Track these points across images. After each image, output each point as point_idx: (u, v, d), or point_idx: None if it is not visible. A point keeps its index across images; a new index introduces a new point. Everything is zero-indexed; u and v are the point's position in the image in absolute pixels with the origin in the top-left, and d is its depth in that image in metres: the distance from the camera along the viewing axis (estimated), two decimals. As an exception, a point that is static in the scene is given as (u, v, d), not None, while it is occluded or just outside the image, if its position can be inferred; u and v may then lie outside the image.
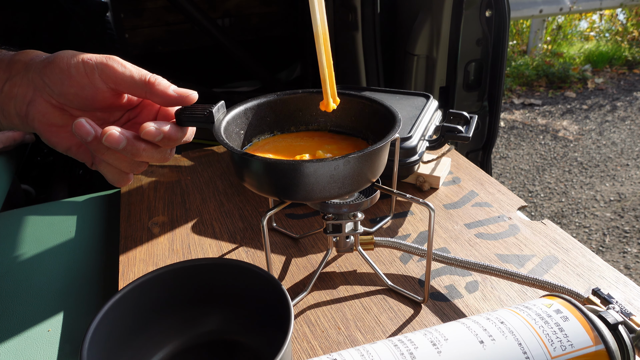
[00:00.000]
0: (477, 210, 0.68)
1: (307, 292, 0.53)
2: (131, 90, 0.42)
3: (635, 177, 2.49)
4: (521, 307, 0.40)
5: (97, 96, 0.42)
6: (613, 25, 4.47)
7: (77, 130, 0.39)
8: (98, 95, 0.42)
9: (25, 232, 0.69)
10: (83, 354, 0.35)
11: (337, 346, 0.47)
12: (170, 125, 0.42)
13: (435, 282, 0.55)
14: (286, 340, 0.35)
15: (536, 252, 0.59)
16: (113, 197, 0.78)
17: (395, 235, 0.64)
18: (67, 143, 0.44)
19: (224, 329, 0.45)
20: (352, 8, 1.12)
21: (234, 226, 0.66)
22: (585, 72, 3.77)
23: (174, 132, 0.42)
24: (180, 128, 0.43)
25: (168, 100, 0.43)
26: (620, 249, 1.99)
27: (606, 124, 3.08)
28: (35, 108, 0.42)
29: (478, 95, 1.19)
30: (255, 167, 0.43)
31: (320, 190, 0.43)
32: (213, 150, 0.88)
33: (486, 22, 1.10)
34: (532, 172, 2.59)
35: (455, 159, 0.81)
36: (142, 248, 0.62)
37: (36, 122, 0.43)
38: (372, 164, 0.44)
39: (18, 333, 0.52)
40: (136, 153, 0.41)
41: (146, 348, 0.42)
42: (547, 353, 0.35)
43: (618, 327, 0.37)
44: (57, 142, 0.44)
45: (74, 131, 0.39)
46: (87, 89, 0.41)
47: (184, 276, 0.43)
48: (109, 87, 0.42)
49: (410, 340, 0.37)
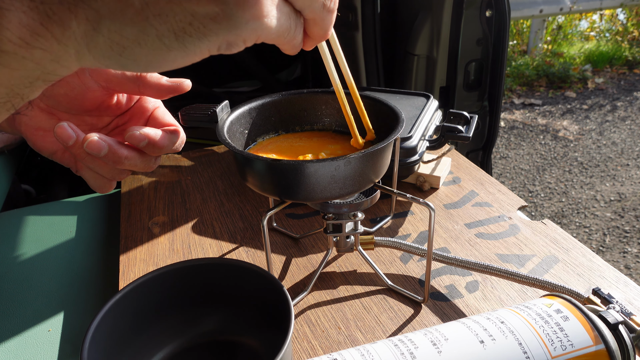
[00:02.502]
0: (477, 210, 0.68)
1: (308, 292, 0.53)
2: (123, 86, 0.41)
3: (635, 177, 2.49)
4: (521, 307, 0.40)
5: (87, 96, 0.41)
6: (613, 25, 4.47)
7: (58, 134, 0.37)
8: (88, 95, 0.41)
9: (25, 232, 0.69)
10: (83, 354, 0.35)
11: (337, 346, 0.47)
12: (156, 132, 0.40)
13: (435, 282, 0.55)
14: (286, 340, 0.35)
15: (536, 252, 0.59)
16: (113, 197, 0.78)
17: (395, 235, 0.64)
18: (52, 147, 0.43)
19: (224, 329, 0.45)
20: (352, 8, 1.12)
21: (234, 226, 0.66)
22: (585, 72, 3.77)
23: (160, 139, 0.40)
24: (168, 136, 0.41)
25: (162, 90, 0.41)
26: (620, 248, 1.99)
27: (606, 124, 3.08)
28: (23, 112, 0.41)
29: (478, 95, 1.19)
30: (256, 167, 0.43)
31: (322, 190, 0.43)
32: (213, 150, 0.88)
33: (486, 22, 1.10)
34: (532, 172, 2.59)
35: (456, 159, 0.81)
36: (143, 248, 0.62)
37: (23, 126, 0.42)
38: (374, 164, 0.44)
39: (18, 333, 0.52)
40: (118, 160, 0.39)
41: (146, 348, 0.42)
42: (548, 353, 0.35)
43: (618, 326, 0.37)
44: (42, 146, 0.43)
45: (56, 135, 0.37)
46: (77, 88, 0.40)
47: (184, 276, 0.43)
48: (99, 85, 0.41)
49: (410, 340, 0.37)
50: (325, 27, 0.30)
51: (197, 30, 0.24)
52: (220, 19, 0.24)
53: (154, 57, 0.25)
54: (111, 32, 0.24)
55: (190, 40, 0.25)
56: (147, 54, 0.25)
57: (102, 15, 0.23)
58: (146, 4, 0.23)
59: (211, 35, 0.25)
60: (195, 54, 0.26)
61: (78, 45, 0.24)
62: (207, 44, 0.25)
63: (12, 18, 0.23)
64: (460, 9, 1.07)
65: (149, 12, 0.23)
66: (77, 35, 0.24)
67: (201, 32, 0.25)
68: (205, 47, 0.25)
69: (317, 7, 0.28)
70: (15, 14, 0.23)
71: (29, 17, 0.23)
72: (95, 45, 0.25)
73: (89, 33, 0.24)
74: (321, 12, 0.28)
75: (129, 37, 0.24)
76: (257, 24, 0.25)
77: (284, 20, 0.27)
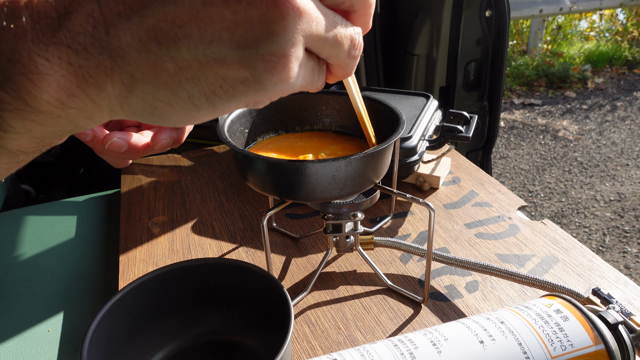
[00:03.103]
0: (477, 210, 0.68)
1: (307, 292, 0.53)
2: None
3: (635, 177, 2.49)
4: (521, 307, 0.40)
5: None
6: (613, 25, 4.47)
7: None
8: None
9: (25, 232, 0.69)
10: (83, 354, 0.35)
11: (337, 346, 0.47)
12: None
13: (435, 282, 0.55)
14: (286, 340, 0.35)
15: (536, 252, 0.59)
16: (113, 197, 0.78)
17: (395, 235, 0.64)
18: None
19: (224, 329, 0.45)
20: (352, 8, 1.12)
21: (234, 226, 0.66)
22: (585, 72, 3.77)
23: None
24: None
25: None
26: (620, 248, 1.99)
27: (606, 124, 3.08)
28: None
29: (478, 95, 1.19)
30: (257, 166, 0.43)
31: (322, 190, 0.43)
32: (213, 150, 0.88)
33: (486, 22, 1.10)
34: (532, 172, 2.60)
35: (455, 159, 0.81)
36: (142, 248, 0.62)
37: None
38: (375, 165, 0.44)
39: (18, 333, 0.52)
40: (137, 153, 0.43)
41: (146, 348, 0.42)
42: (547, 353, 0.35)
43: (618, 327, 0.37)
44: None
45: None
46: None
47: (184, 276, 0.43)
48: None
49: (410, 340, 0.37)
50: (349, 70, 0.31)
51: (227, 92, 0.25)
52: (250, 82, 0.25)
53: (183, 116, 0.27)
54: (145, 94, 0.25)
55: (219, 101, 0.26)
56: (178, 114, 0.26)
57: (136, 79, 0.24)
58: (180, 69, 0.24)
59: (240, 96, 0.26)
60: (223, 112, 0.27)
61: (112, 104, 0.25)
62: (235, 104, 0.26)
63: (51, 82, 0.23)
64: (460, 9, 1.07)
65: (182, 76, 0.24)
66: (112, 97, 0.25)
67: (230, 94, 0.25)
68: (233, 106, 0.27)
69: (343, 56, 0.29)
70: (55, 77, 0.23)
71: (67, 80, 0.23)
72: (129, 105, 0.26)
73: (124, 94, 0.25)
74: (345, 60, 0.29)
75: (162, 99, 0.25)
76: (284, 85, 0.26)
77: (308, 76, 0.28)
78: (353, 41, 0.28)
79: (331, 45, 0.27)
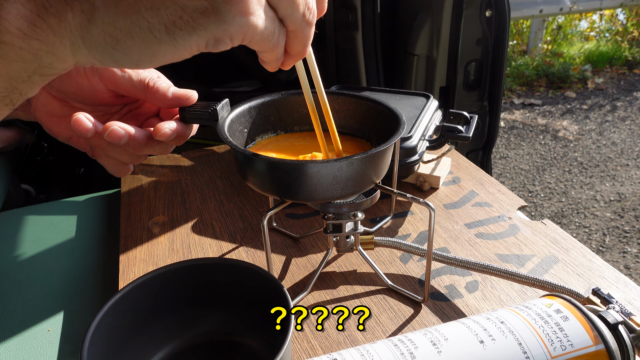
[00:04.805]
0: (477, 210, 0.68)
1: (307, 292, 0.53)
2: (130, 92, 0.43)
3: (635, 177, 2.49)
4: (521, 307, 0.40)
5: (97, 95, 0.43)
6: (613, 25, 4.47)
7: (75, 126, 0.38)
8: (97, 95, 0.43)
9: (25, 232, 0.69)
10: (83, 353, 0.35)
11: (337, 346, 0.47)
12: (178, 124, 0.42)
13: (435, 282, 0.55)
14: (286, 340, 0.35)
15: (536, 252, 0.59)
16: (113, 197, 0.78)
17: (395, 235, 0.64)
18: (67, 133, 0.45)
19: (224, 329, 0.45)
20: (352, 8, 1.12)
21: (234, 226, 0.66)
22: (585, 72, 3.77)
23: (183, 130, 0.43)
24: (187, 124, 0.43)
25: (167, 103, 0.43)
26: (620, 249, 1.99)
27: (606, 124, 3.08)
28: (37, 99, 0.43)
29: (478, 95, 1.19)
30: (258, 166, 0.43)
31: (323, 191, 0.43)
32: (213, 150, 0.88)
33: (486, 22, 1.10)
34: (532, 172, 2.60)
35: (455, 158, 0.81)
36: (142, 248, 0.62)
37: (38, 112, 0.43)
38: (376, 165, 0.44)
39: (18, 333, 0.52)
40: (138, 147, 0.41)
41: (146, 348, 0.42)
42: (547, 353, 0.35)
43: (618, 327, 0.37)
44: (58, 132, 0.45)
45: (73, 127, 0.38)
46: (86, 89, 0.42)
47: (184, 276, 0.43)
48: (108, 88, 0.42)
49: (410, 340, 0.37)
50: (305, 41, 0.31)
51: (187, 23, 0.25)
52: (209, 13, 0.25)
53: (145, 51, 0.26)
54: (105, 24, 0.25)
55: (180, 34, 0.26)
56: (139, 47, 0.26)
57: (96, 7, 0.24)
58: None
59: (200, 29, 0.26)
60: (184, 49, 0.27)
61: (73, 37, 0.25)
62: (195, 39, 0.26)
63: (10, 9, 0.23)
64: (460, 9, 1.07)
65: (142, 5, 0.24)
66: (73, 27, 0.25)
67: (190, 26, 0.26)
68: (194, 41, 0.27)
69: (298, 17, 0.29)
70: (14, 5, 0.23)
71: (27, 8, 0.24)
72: (90, 38, 0.25)
73: (84, 25, 0.25)
74: (301, 24, 0.30)
75: (122, 29, 0.25)
76: (243, 20, 0.26)
77: (269, 23, 0.28)
78: (308, 4, 0.29)
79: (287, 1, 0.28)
